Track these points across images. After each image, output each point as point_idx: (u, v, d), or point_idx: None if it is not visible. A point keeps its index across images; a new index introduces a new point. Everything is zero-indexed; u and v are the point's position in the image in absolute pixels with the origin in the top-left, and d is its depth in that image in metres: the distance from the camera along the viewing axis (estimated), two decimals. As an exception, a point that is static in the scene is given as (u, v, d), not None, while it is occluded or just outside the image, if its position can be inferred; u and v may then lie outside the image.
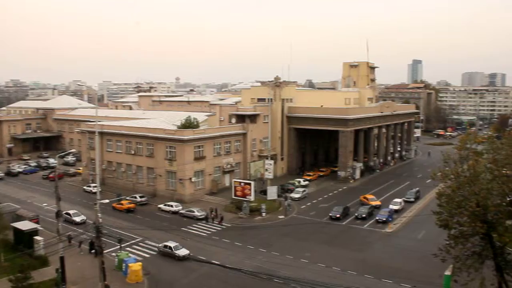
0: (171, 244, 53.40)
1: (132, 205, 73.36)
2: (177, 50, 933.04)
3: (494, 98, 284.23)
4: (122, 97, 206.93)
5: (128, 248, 54.40)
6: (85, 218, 65.47)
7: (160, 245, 54.53)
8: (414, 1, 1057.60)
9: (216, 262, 48.80)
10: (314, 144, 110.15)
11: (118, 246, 52.94)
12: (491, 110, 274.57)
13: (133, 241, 57.69)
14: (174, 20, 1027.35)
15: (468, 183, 28.28)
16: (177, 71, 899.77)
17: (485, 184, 28.05)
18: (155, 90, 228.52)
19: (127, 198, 76.86)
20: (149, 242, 57.17)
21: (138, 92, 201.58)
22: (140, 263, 47.15)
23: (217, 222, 66.18)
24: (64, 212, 59.82)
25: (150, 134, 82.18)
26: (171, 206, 72.26)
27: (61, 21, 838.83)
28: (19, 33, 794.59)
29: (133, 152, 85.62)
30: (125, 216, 69.04)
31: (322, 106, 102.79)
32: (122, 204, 72.42)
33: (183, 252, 52.18)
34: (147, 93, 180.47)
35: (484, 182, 28.26)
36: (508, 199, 28.27)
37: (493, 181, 28.14)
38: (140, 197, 77.38)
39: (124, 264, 47.11)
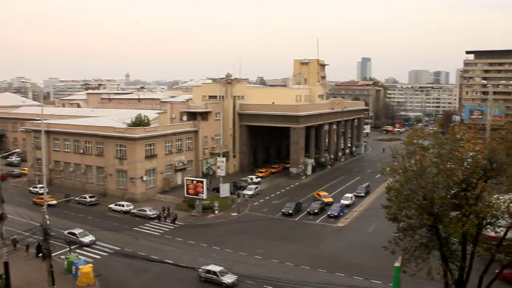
0: (216, 268, 45.78)
1: (53, 201, 71.01)
2: (126, 46, 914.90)
3: (439, 95, 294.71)
4: (70, 95, 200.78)
5: (78, 250, 52.91)
6: (94, 238, 56.48)
7: (201, 270, 46.05)
8: (363, 1, 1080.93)
9: (169, 261, 48.24)
10: (266, 141, 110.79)
11: (68, 249, 51.45)
12: (436, 106, 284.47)
13: (83, 243, 56.11)
14: (125, 16, 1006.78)
15: (415, 177, 29.08)
16: (127, 68, 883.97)
17: (431, 178, 28.93)
18: (104, 88, 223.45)
19: (76, 198, 74.87)
20: (100, 243, 55.81)
21: (86, 89, 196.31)
22: (90, 265, 45.91)
23: (169, 221, 65.45)
24: (67, 231, 56.17)
25: (100, 133, 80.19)
26: (123, 205, 70.86)
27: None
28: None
29: (81, 151, 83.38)
30: (75, 218, 67.07)
31: (273, 103, 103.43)
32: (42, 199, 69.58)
33: (230, 278, 44.60)
34: (96, 91, 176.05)
35: (430, 176, 29.14)
36: (453, 191, 29.24)
37: (439, 175, 29.05)
38: (90, 197, 75.48)
39: (74, 267, 45.76)
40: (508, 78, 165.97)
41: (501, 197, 28.78)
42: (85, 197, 75.28)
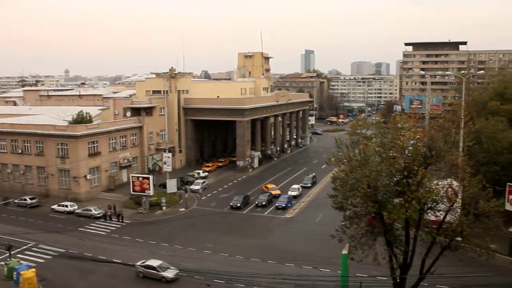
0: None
1: None
2: (64, 42, 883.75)
3: (380, 86, 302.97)
4: (5, 92, 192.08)
5: (19, 255, 50.60)
6: (177, 271, 44.41)
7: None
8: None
9: (117, 261, 47.21)
10: (212, 135, 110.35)
11: (7, 254, 49.15)
12: (378, 97, 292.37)
13: (25, 247, 53.50)
14: (60, 9, 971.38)
15: (360, 166, 29.87)
16: (66, 64, 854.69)
17: (374, 167, 29.84)
18: (42, 84, 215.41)
19: (16, 201, 71.85)
20: (44, 246, 53.73)
21: (22, 86, 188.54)
22: (33, 270, 43.97)
23: (116, 220, 64.07)
24: (141, 263, 45.44)
25: (39, 131, 77.02)
26: (66, 206, 68.60)
27: None
28: None
29: (20, 151, 79.86)
30: (15, 221, 64.29)
31: (218, 96, 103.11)
32: None
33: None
34: (34, 88, 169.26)
35: (373, 164, 30.04)
36: (395, 179, 30.29)
37: (382, 163, 30.00)
38: (31, 199, 72.55)
39: (15, 273, 43.69)
40: (444, 69, 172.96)
41: (440, 183, 30.07)
42: (25, 199, 72.29)
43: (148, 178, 68.78)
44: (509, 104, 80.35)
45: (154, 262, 44.84)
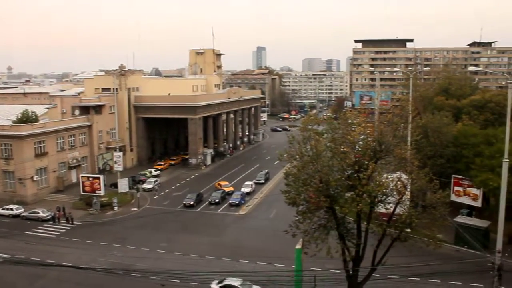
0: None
1: None
2: (6, 37, 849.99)
3: (331, 82, 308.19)
4: None
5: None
6: None
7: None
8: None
9: (67, 264, 45.76)
10: (164, 133, 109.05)
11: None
12: (329, 93, 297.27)
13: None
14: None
15: (312, 161, 30.17)
16: (9, 61, 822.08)
17: (326, 162, 30.22)
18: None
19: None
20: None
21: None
22: (-23, 276, 42.18)
23: (65, 222, 62.20)
24: (216, 283, 40.69)
25: (-20, 132, 73.71)
26: (11, 209, 65.97)
27: None
28: None
29: (-40, 153, 76.18)
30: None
31: (169, 94, 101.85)
32: None
33: None
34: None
35: (325, 160, 30.41)
36: (347, 173, 30.80)
37: (333, 158, 30.44)
38: (-27, 202, 69.44)
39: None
40: (392, 65, 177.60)
41: (389, 176, 30.80)
42: (-34, 203, 69.09)
43: (98, 178, 67.10)
44: (454, 99, 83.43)
45: (234, 281, 40.46)
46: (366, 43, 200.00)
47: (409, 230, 31.80)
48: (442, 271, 37.51)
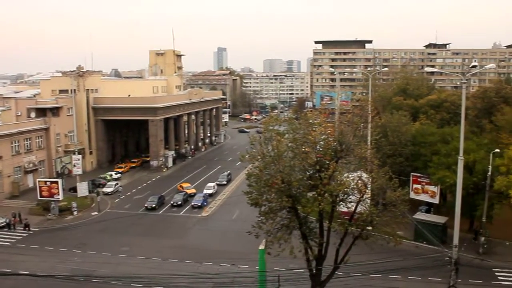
0: None
1: None
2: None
3: (292, 83, 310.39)
4: None
5: None
6: None
7: None
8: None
9: (23, 273, 44.27)
10: (124, 135, 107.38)
11: None
12: (290, 93, 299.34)
13: None
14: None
15: (273, 162, 30.22)
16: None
17: (288, 162, 30.36)
18: None
19: None
20: None
21: None
22: None
23: (22, 228, 60.20)
24: None
25: None
26: (-37, 216, 63.41)
27: None
28: None
29: None
30: None
31: (129, 95, 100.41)
32: None
33: None
34: None
35: (287, 160, 30.54)
36: (308, 173, 31.02)
37: (295, 159, 30.59)
38: None
39: None
40: (352, 66, 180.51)
41: (350, 175, 31.21)
42: None
43: (56, 182, 65.32)
44: (411, 99, 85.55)
45: None
46: (326, 44, 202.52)
47: (370, 228, 32.30)
48: (403, 267, 38.26)
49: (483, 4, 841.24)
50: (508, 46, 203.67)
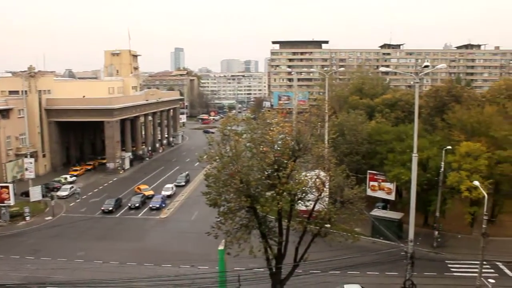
0: None
1: None
2: None
3: (249, 83, 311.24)
4: None
5: None
6: None
7: None
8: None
9: (-28, 283, 42.56)
10: (79, 137, 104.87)
11: None
12: (248, 93, 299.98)
13: None
14: None
15: (231, 162, 30.18)
16: None
17: (246, 162, 30.37)
18: None
19: None
20: None
21: None
22: None
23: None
24: None
25: None
26: None
27: None
28: None
29: None
30: None
31: (84, 96, 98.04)
32: None
33: None
34: None
35: (245, 160, 30.55)
36: (266, 173, 31.11)
37: (253, 158, 30.65)
38: None
39: None
40: (309, 66, 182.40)
41: (308, 174, 31.52)
42: None
43: (7, 187, 62.97)
44: (367, 99, 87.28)
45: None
46: (284, 44, 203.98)
47: (328, 225, 32.73)
48: (361, 263, 38.95)
49: (435, 7, 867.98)
50: (458, 47, 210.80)
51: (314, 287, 38.46)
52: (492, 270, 45.74)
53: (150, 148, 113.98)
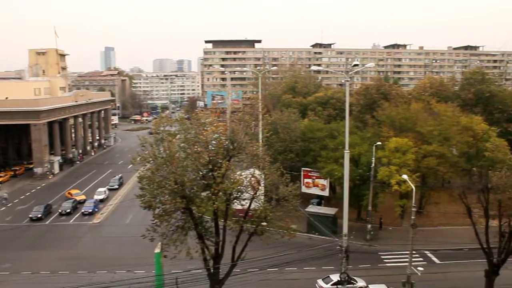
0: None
1: None
2: None
3: (183, 83, 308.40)
4: None
5: None
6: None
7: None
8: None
9: None
10: (3, 141, 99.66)
11: None
12: (182, 93, 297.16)
13: None
14: None
15: (165, 163, 29.70)
16: None
17: (180, 163, 29.97)
18: None
19: None
20: None
21: None
22: None
23: None
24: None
25: None
26: None
27: None
28: None
29: None
30: None
31: (7, 98, 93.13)
32: None
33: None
34: None
35: (179, 160, 30.15)
36: (201, 173, 30.87)
37: (187, 159, 30.29)
38: None
39: None
40: (242, 65, 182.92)
41: (243, 173, 31.58)
42: None
43: None
44: (300, 97, 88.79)
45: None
46: (216, 43, 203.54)
47: (264, 223, 32.91)
48: (298, 259, 39.52)
49: (363, 7, 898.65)
50: (385, 47, 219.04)
51: (253, 286, 38.69)
52: (421, 259, 48.09)
53: (81, 151, 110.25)
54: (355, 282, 41.97)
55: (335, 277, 40.98)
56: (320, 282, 41.88)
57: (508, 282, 39.62)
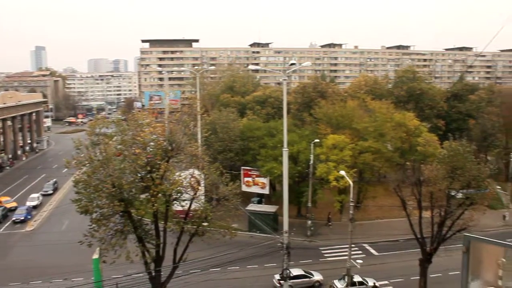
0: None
1: None
2: None
3: (119, 83, 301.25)
4: None
5: None
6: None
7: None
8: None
9: None
10: None
11: None
12: (118, 94, 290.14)
13: None
14: None
15: (102, 166, 28.93)
16: None
17: (118, 165, 29.32)
18: None
19: None
20: None
21: None
22: None
23: None
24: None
25: None
26: None
27: None
28: None
29: None
30: None
31: None
32: None
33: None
34: None
35: (116, 163, 29.49)
36: (140, 175, 30.31)
37: (125, 161, 29.67)
38: None
39: None
40: (180, 64, 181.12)
41: (182, 174, 31.34)
42: None
43: None
44: (238, 96, 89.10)
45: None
46: (154, 43, 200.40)
47: (205, 224, 32.82)
48: (240, 258, 39.66)
49: (301, 8, 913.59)
50: (322, 46, 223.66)
51: (195, 287, 38.47)
52: (360, 252, 49.64)
53: (10, 156, 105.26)
54: (311, 276, 42.97)
55: (295, 271, 42.60)
56: (278, 277, 42.25)
57: (440, 268, 41.65)
